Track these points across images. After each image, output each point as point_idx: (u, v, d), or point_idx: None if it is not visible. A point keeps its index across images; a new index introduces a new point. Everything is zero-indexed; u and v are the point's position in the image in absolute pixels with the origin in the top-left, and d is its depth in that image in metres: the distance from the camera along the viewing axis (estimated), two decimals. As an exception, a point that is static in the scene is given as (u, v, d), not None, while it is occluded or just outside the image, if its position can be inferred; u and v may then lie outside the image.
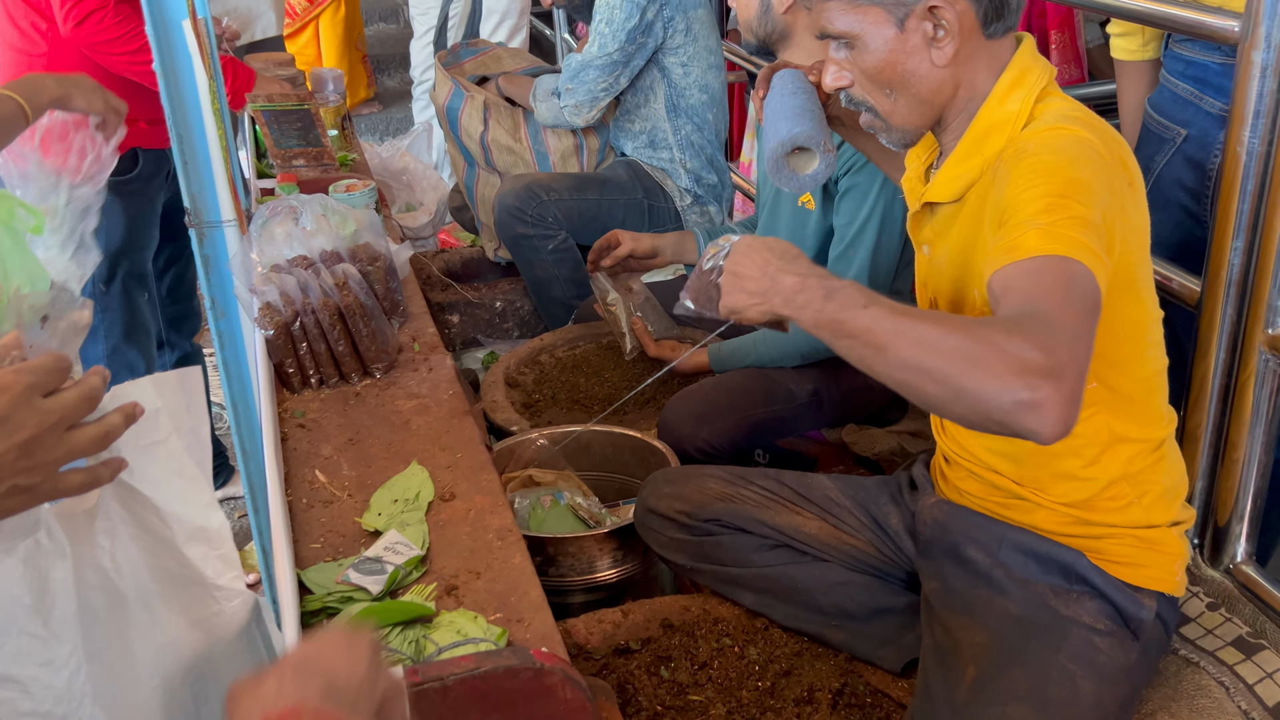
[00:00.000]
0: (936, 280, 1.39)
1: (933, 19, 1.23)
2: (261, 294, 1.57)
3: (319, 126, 2.30)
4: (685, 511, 1.61)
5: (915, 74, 1.25)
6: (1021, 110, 1.25)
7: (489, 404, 2.26)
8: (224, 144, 1.81)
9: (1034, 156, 1.18)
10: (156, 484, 0.98)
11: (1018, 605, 1.34)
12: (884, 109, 1.29)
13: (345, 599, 1.16)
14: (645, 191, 2.81)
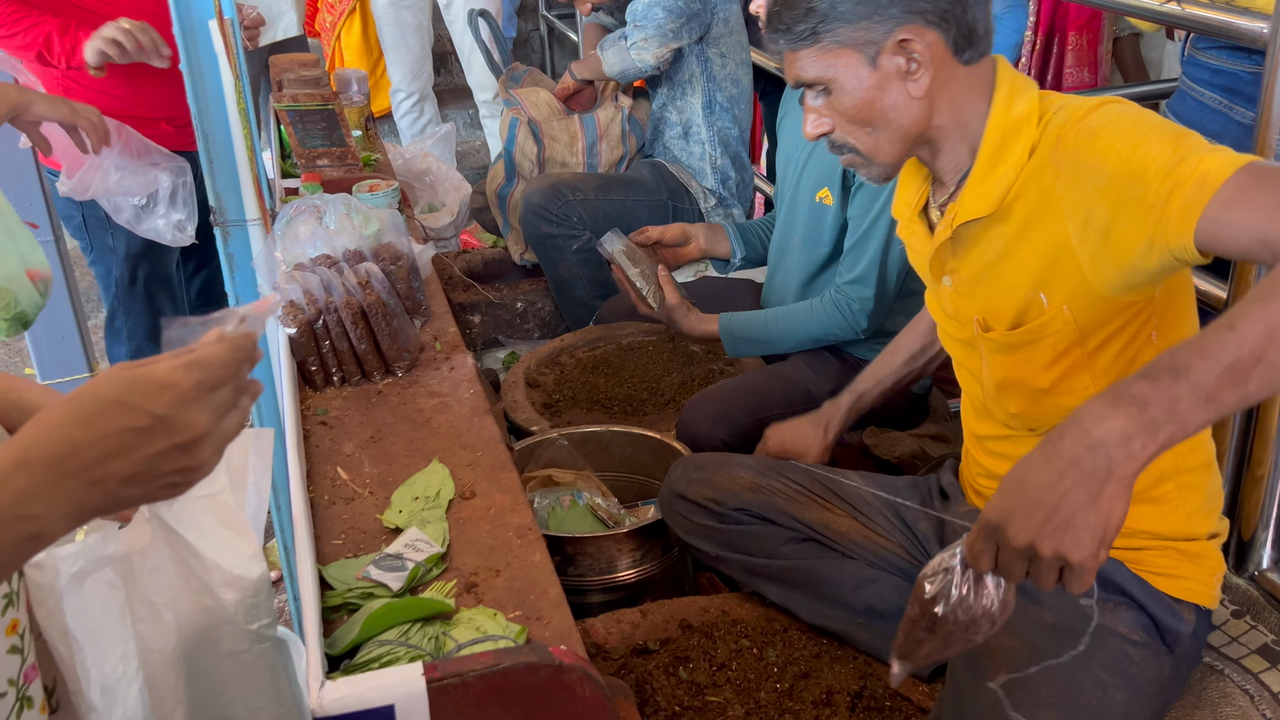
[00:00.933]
0: (979, 297, 1.33)
1: (904, 52, 1.23)
2: (285, 292, 1.58)
3: (343, 126, 2.32)
4: (713, 499, 1.61)
5: (894, 108, 1.26)
6: (1030, 110, 1.24)
7: (509, 404, 2.27)
8: (249, 143, 1.83)
9: (1108, 125, 1.14)
10: (203, 533, 0.99)
11: (1053, 613, 1.32)
12: (866, 147, 1.30)
13: (366, 595, 1.16)
14: (670, 193, 2.82)
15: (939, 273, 1.37)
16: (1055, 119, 1.22)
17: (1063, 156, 1.18)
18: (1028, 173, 1.24)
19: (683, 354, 2.46)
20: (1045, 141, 1.22)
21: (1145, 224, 1.08)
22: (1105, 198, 1.13)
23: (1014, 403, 1.35)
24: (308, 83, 2.44)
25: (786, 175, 2.22)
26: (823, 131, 1.31)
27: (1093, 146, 1.15)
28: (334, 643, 1.08)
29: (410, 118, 4.30)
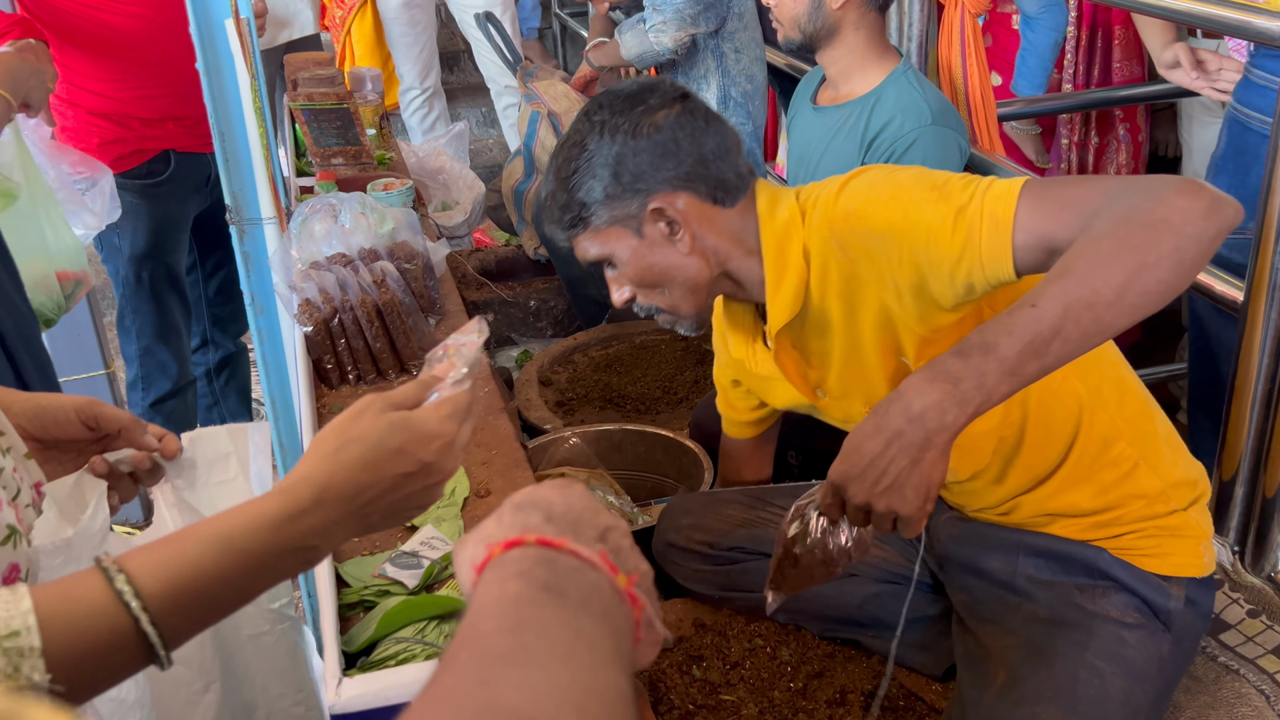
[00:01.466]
0: (857, 392, 1.36)
1: (660, 219, 1.30)
2: (301, 291, 1.59)
3: (358, 125, 2.32)
4: (707, 542, 1.60)
5: (672, 267, 1.32)
6: (791, 212, 1.30)
7: (523, 402, 2.27)
8: (265, 142, 1.84)
9: (867, 201, 1.21)
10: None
11: (1045, 608, 1.33)
12: (666, 304, 1.36)
13: (382, 592, 1.17)
14: None
15: (809, 390, 1.42)
16: (813, 212, 1.28)
17: (847, 242, 1.24)
18: (817, 266, 1.29)
19: (696, 352, 2.46)
20: (815, 233, 1.28)
21: (958, 276, 1.15)
22: (905, 267, 1.19)
23: (959, 455, 1.33)
24: (322, 81, 2.45)
25: (799, 175, 2.22)
26: (627, 298, 1.38)
27: (869, 227, 1.21)
28: (351, 640, 1.09)
29: (420, 115, 4.31)
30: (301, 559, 0.74)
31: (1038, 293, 1.01)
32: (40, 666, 0.62)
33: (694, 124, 1.30)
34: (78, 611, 0.65)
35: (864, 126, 2.06)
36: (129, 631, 0.66)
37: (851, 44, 2.08)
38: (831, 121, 2.13)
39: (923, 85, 2.04)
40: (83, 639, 0.64)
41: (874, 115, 2.05)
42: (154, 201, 2.36)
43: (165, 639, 0.67)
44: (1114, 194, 1.06)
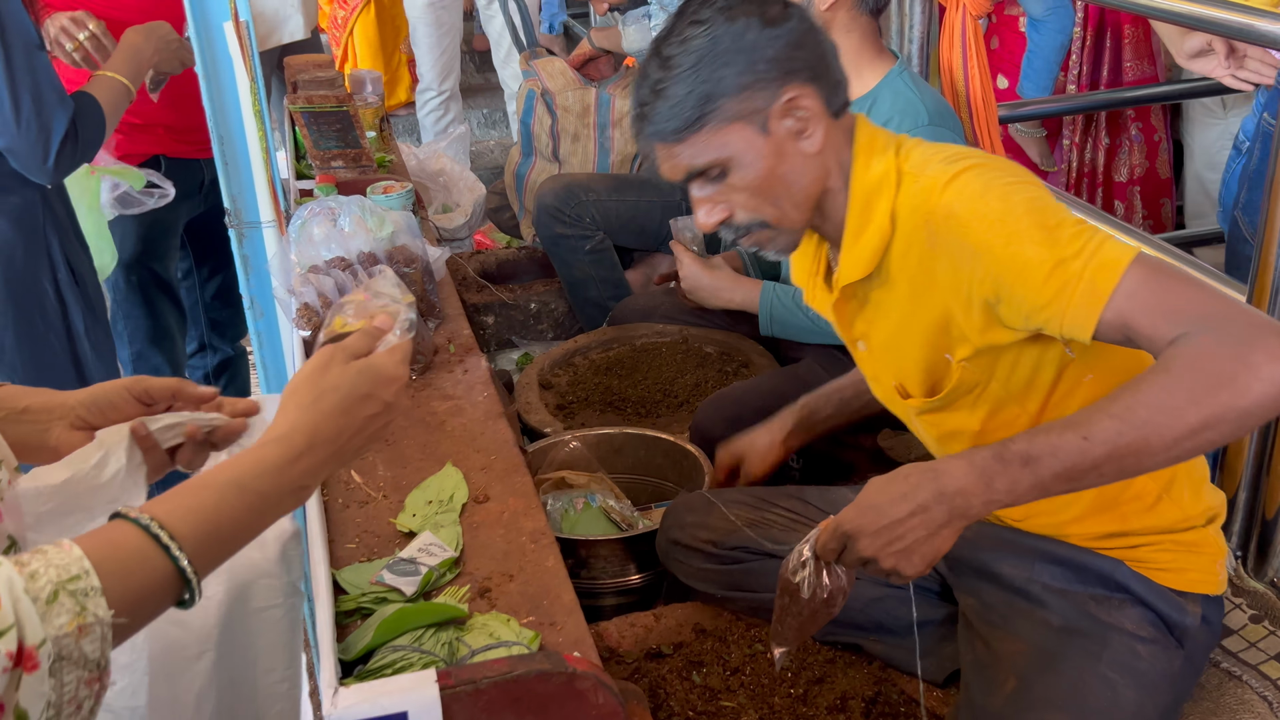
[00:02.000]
0: (891, 364, 1.36)
1: (791, 113, 1.23)
2: (300, 295, 1.58)
3: (357, 128, 2.32)
4: (711, 540, 1.60)
5: (795, 171, 1.25)
6: (886, 170, 1.25)
7: (523, 405, 2.27)
8: (264, 146, 1.84)
9: (968, 209, 1.16)
10: None
11: (1058, 616, 1.32)
12: (774, 218, 1.27)
13: (380, 599, 1.16)
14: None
15: (852, 337, 1.39)
16: (913, 184, 1.23)
17: (938, 242, 1.20)
18: (901, 239, 1.25)
19: (696, 356, 2.46)
20: (910, 208, 1.23)
21: (1034, 319, 1.14)
22: (985, 285, 1.17)
23: (957, 449, 1.34)
24: (322, 84, 2.45)
25: None
26: (720, 219, 1.28)
27: (965, 238, 1.17)
28: (348, 648, 1.09)
29: (435, 115, 4.32)
30: (296, 499, 0.85)
31: (1093, 423, 1.05)
32: (103, 604, 0.67)
33: (812, 20, 1.25)
34: (121, 557, 0.72)
35: None
36: (169, 573, 0.74)
37: (843, 47, 2.04)
38: None
39: (919, 86, 2.02)
40: (129, 581, 0.71)
41: (870, 117, 2.03)
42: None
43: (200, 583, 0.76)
44: (1212, 316, 1.04)
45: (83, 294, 1.86)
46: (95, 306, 1.88)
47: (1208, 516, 1.33)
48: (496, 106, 5.12)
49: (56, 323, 1.82)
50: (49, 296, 1.81)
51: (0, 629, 0.61)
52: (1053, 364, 1.25)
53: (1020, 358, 1.25)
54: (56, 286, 1.82)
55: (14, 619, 0.62)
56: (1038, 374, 1.26)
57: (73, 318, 1.85)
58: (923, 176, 1.22)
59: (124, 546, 0.72)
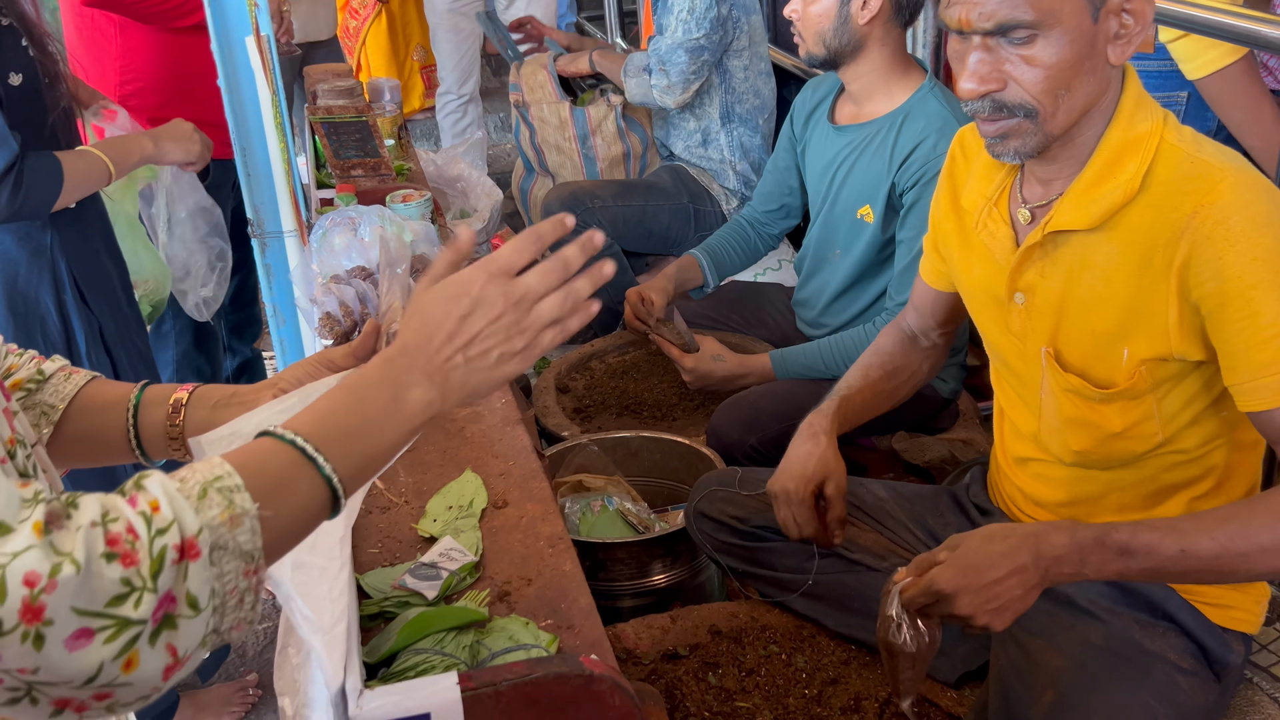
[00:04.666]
0: (1054, 327, 1.29)
1: (1123, 12, 1.14)
2: (321, 304, 1.61)
3: (376, 137, 2.35)
4: (737, 516, 1.62)
5: (1093, 72, 1.16)
6: (1153, 130, 1.19)
7: (540, 409, 2.29)
8: (286, 157, 1.87)
9: (1246, 241, 1.12)
10: None
11: (1100, 635, 1.32)
12: (1048, 110, 1.17)
13: (402, 603, 1.19)
14: (691, 196, 2.84)
15: (1012, 286, 1.31)
16: (1184, 162, 1.17)
17: (1196, 236, 1.15)
18: (1148, 209, 1.18)
19: (712, 359, 2.48)
20: (1171, 180, 1.17)
21: (1228, 360, 1.16)
22: (1212, 303, 1.15)
23: (1079, 441, 1.33)
24: (341, 94, 2.48)
25: (818, 190, 2.23)
26: (991, 89, 1.17)
27: (1223, 252, 1.13)
28: (372, 650, 1.11)
29: (454, 118, 4.37)
30: (395, 399, 0.83)
31: (1196, 539, 1.11)
32: (248, 498, 0.72)
33: None
34: (255, 454, 0.77)
35: (892, 145, 2.03)
36: (298, 462, 0.78)
37: (876, 60, 2.05)
38: (855, 140, 2.11)
39: (950, 101, 2.01)
40: (266, 476, 0.75)
41: (902, 134, 2.02)
42: None
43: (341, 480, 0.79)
44: None
45: (89, 316, 1.87)
46: (105, 330, 1.89)
47: None
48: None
49: (58, 343, 1.83)
50: (51, 316, 1.82)
51: (163, 527, 0.67)
52: (1203, 401, 1.25)
53: (1184, 382, 1.24)
54: (61, 307, 1.83)
55: (173, 516, 0.67)
56: (1188, 406, 1.25)
57: (75, 339, 1.86)
58: (1198, 157, 1.17)
59: (257, 449, 0.78)
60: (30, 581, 0.61)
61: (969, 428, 2.20)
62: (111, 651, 0.64)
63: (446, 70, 4.29)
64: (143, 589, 0.65)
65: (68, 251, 1.82)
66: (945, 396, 2.15)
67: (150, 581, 0.65)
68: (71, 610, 0.63)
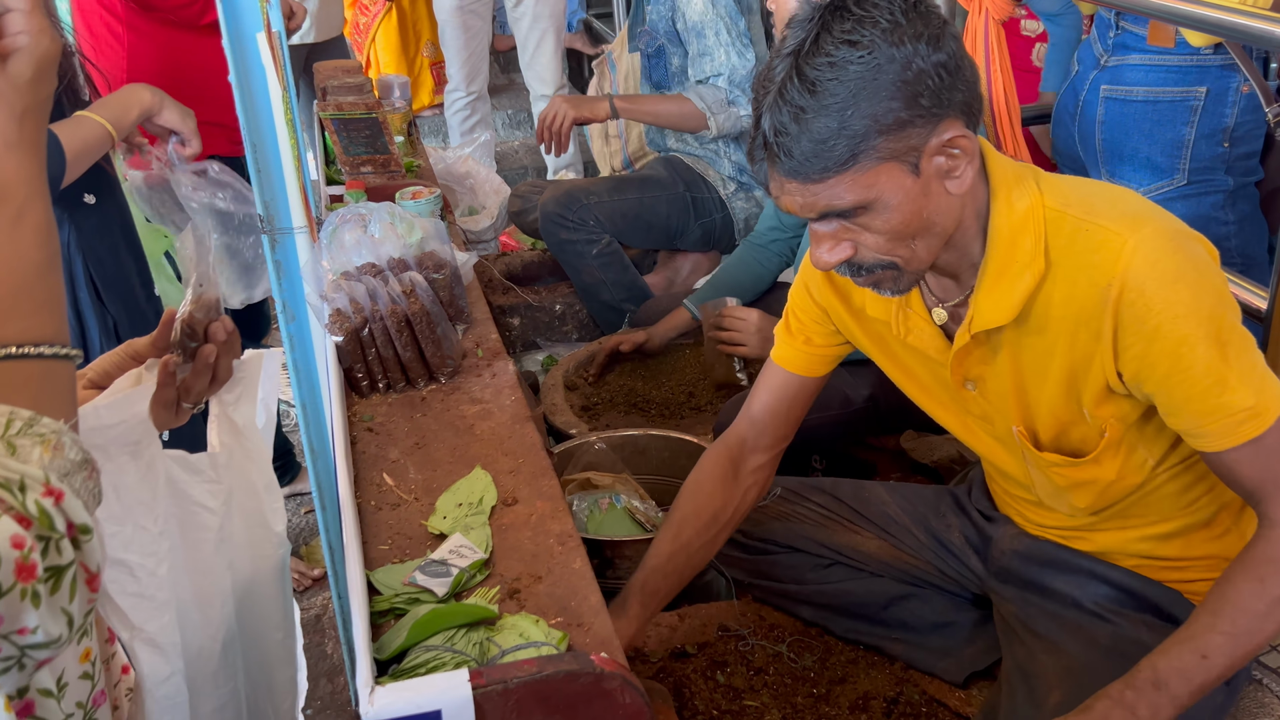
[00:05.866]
0: (1019, 406, 1.29)
1: (946, 151, 1.13)
2: (332, 301, 1.62)
3: (386, 134, 2.35)
4: (740, 530, 1.62)
5: (937, 212, 1.15)
6: (1033, 204, 1.18)
7: (548, 406, 2.30)
8: (296, 153, 1.87)
9: (1163, 303, 1.13)
10: (252, 437, 1.22)
11: (1107, 636, 1.32)
12: (904, 259, 1.17)
13: (412, 600, 1.19)
14: (686, 185, 2.84)
15: (960, 377, 1.32)
16: (1082, 235, 1.16)
17: (1119, 309, 1.15)
18: (1061, 284, 1.18)
19: (720, 357, 2.48)
20: (1072, 253, 1.17)
21: (1173, 413, 1.19)
22: (1144, 368, 1.17)
23: (1082, 500, 1.34)
24: (351, 90, 2.48)
25: None
26: (844, 257, 1.17)
27: (1144, 319, 1.14)
28: (382, 647, 1.12)
29: (462, 115, 4.38)
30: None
31: (1206, 640, 1.15)
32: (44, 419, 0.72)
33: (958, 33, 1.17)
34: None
35: None
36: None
37: None
38: None
39: None
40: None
41: None
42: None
43: None
44: None
45: (104, 313, 1.87)
46: (120, 327, 1.89)
47: None
48: (521, 107, 5.16)
49: (76, 344, 1.85)
50: (70, 313, 1.84)
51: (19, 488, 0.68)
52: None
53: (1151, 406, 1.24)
54: (75, 305, 1.84)
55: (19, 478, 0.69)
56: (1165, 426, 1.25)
57: (90, 337, 1.87)
58: (1089, 221, 1.16)
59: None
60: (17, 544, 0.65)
61: (977, 428, 2.19)
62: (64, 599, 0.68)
63: (454, 67, 4.30)
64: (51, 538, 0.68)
65: (85, 248, 1.82)
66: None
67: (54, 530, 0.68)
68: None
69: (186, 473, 1.17)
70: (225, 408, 1.21)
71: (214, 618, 1.24)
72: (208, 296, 1.15)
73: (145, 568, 1.10)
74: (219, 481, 1.20)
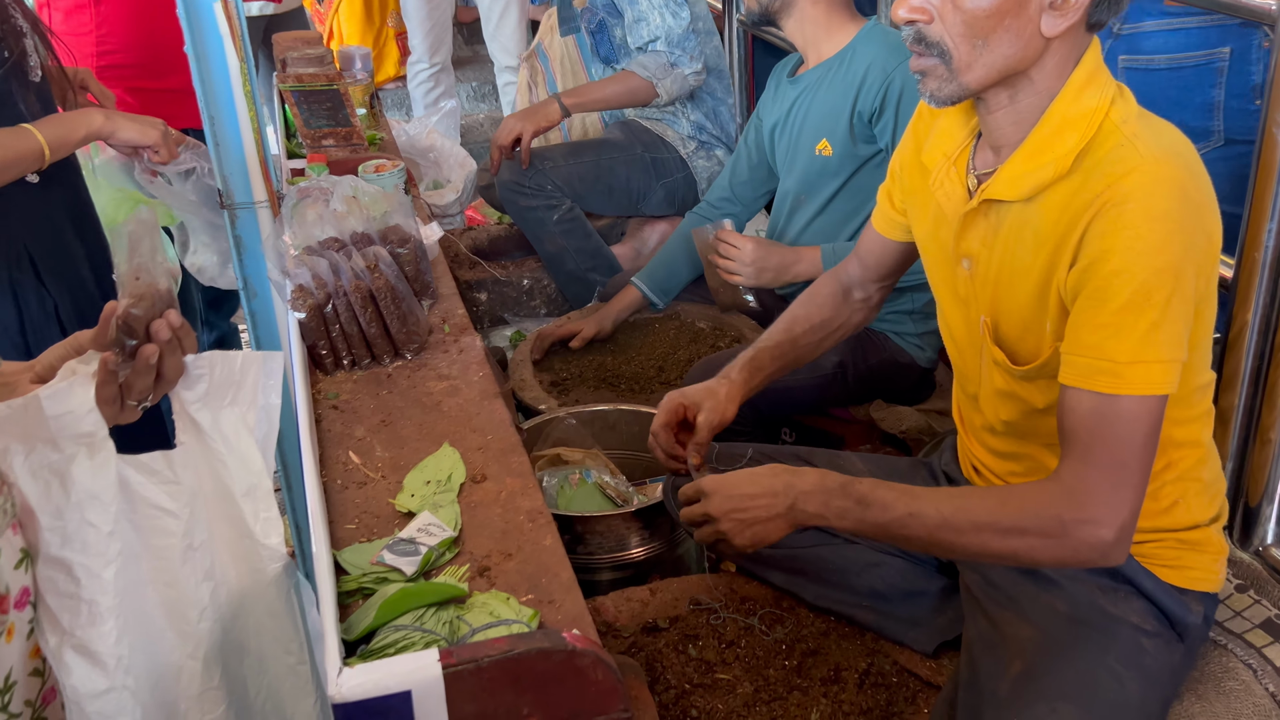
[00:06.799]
0: (993, 298, 1.31)
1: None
2: (294, 276, 1.59)
3: (348, 106, 2.31)
4: None
5: (1017, 33, 1.16)
6: (1097, 108, 1.19)
7: (517, 383, 2.28)
8: (255, 126, 1.83)
9: (1132, 229, 1.13)
10: (227, 440, 1.14)
11: (1065, 602, 1.33)
12: (961, 59, 1.19)
13: (380, 579, 1.18)
14: (645, 146, 2.82)
15: (959, 250, 1.34)
16: (1119, 145, 1.17)
17: (1099, 223, 1.16)
18: (1075, 185, 1.19)
19: (689, 331, 2.47)
20: (1100, 161, 1.17)
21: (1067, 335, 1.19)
22: (1081, 286, 1.18)
23: (1007, 411, 1.36)
24: (311, 61, 2.44)
25: (782, 145, 2.24)
26: (917, 18, 1.19)
27: (1116, 224, 1.14)
28: (350, 628, 1.10)
29: (426, 87, 4.32)
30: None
31: (925, 509, 1.23)
32: None
33: None
34: None
35: (844, 76, 2.08)
36: None
37: (810, 14, 2.12)
38: (809, 83, 2.17)
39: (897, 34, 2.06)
40: None
41: (853, 65, 2.08)
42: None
43: None
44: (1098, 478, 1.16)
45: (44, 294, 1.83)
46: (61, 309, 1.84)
47: (1211, 516, 1.35)
48: (486, 79, 5.10)
49: (11, 323, 1.80)
50: (6, 292, 1.79)
51: None
52: None
53: None
54: (11, 285, 1.79)
55: None
56: None
57: (27, 317, 1.82)
58: (1130, 140, 1.17)
59: None
60: None
61: (945, 398, 2.20)
62: None
63: (417, 39, 4.24)
64: None
65: (25, 228, 1.77)
66: (923, 366, 2.16)
67: None
68: None
69: (140, 473, 1.09)
70: (186, 405, 1.12)
71: (190, 633, 1.15)
72: (150, 289, 1.06)
73: (87, 569, 1.03)
74: (177, 482, 1.11)
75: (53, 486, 1.01)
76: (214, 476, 1.14)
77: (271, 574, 1.21)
